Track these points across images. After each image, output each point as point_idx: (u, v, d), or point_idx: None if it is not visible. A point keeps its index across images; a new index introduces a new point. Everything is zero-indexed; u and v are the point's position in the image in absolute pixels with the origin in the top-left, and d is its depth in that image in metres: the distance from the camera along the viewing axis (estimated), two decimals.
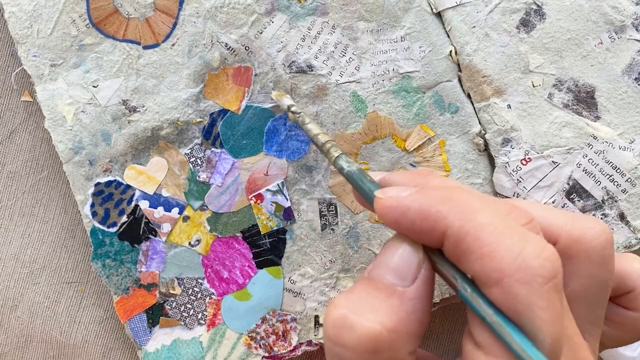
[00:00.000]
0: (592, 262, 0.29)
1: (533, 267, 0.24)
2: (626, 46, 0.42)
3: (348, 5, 0.43)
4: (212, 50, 0.43)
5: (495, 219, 0.26)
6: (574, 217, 0.30)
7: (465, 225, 0.26)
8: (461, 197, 0.27)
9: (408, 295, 0.27)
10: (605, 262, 0.30)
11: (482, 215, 0.26)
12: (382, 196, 0.29)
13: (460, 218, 0.26)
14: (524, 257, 0.25)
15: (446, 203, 0.27)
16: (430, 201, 0.27)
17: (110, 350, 0.48)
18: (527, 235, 0.25)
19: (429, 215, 0.27)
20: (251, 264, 0.45)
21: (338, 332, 0.27)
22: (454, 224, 0.26)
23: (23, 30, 0.42)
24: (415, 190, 0.28)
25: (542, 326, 0.25)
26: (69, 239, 0.47)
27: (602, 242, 0.29)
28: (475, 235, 0.25)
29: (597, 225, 0.30)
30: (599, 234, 0.29)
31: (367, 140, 0.44)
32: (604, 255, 0.29)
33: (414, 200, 0.28)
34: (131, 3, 0.42)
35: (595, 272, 0.29)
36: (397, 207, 0.28)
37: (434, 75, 0.44)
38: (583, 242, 0.29)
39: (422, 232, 0.27)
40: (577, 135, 0.43)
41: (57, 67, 0.43)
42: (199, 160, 0.44)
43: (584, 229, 0.30)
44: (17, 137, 0.46)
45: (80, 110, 0.43)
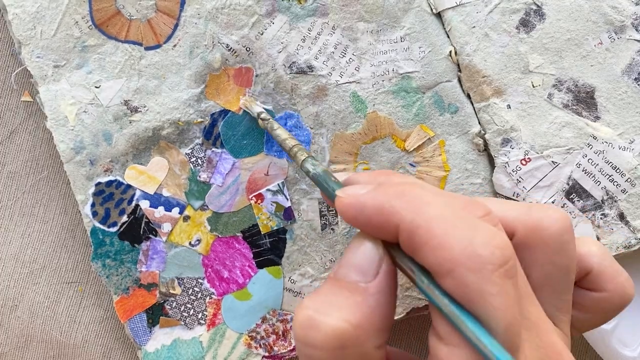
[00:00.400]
0: (550, 250, 0.30)
1: (482, 255, 0.25)
2: (626, 46, 0.43)
3: (348, 6, 0.43)
4: (213, 51, 0.43)
5: (445, 210, 0.26)
6: (529, 207, 0.31)
7: (416, 218, 0.26)
8: (413, 192, 0.27)
9: (370, 291, 0.28)
10: (563, 248, 0.30)
11: (433, 208, 0.26)
12: (342, 195, 0.30)
13: (412, 211, 0.27)
14: (473, 246, 0.25)
15: (399, 198, 0.27)
16: (384, 197, 0.28)
17: (111, 350, 0.48)
18: (476, 225, 0.26)
19: (383, 210, 0.28)
20: (251, 263, 0.45)
21: (305, 332, 0.27)
22: (406, 217, 0.27)
23: (27, 32, 0.42)
24: (372, 188, 0.29)
25: (494, 313, 0.25)
26: (69, 239, 0.47)
27: (558, 229, 0.30)
28: (426, 227, 0.26)
29: (554, 213, 0.30)
30: (555, 221, 0.30)
31: (366, 141, 0.44)
32: (561, 242, 0.30)
33: (370, 197, 0.28)
34: (133, 4, 0.43)
35: (554, 259, 0.30)
36: (355, 204, 0.29)
37: (433, 75, 0.44)
38: (539, 230, 0.30)
39: (379, 228, 0.28)
40: (576, 135, 0.43)
41: (61, 68, 0.43)
42: (200, 160, 0.44)
43: (539, 218, 0.30)
44: (17, 137, 0.46)
45: (82, 111, 0.43)
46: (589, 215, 0.43)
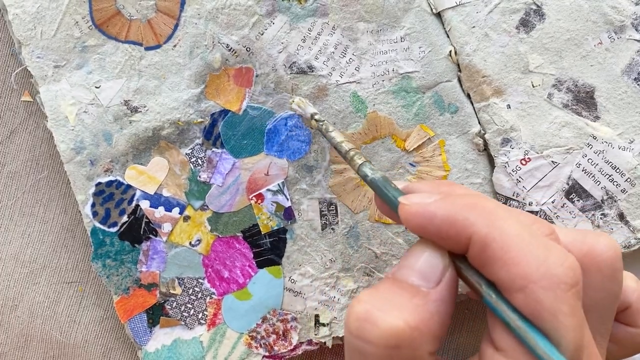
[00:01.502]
0: (603, 275, 0.30)
1: (557, 275, 0.25)
2: (626, 46, 0.43)
3: (348, 6, 0.43)
4: (214, 52, 0.43)
5: (520, 227, 0.27)
6: (584, 233, 0.31)
7: (491, 233, 0.27)
8: (486, 205, 0.28)
9: (432, 297, 0.28)
10: (615, 275, 0.30)
11: (508, 224, 0.27)
12: (407, 202, 0.30)
13: (487, 225, 0.27)
14: (548, 264, 0.26)
15: (472, 210, 0.28)
16: (456, 208, 0.28)
17: (111, 350, 0.48)
18: (550, 245, 0.26)
19: (456, 221, 0.28)
20: (252, 263, 0.45)
21: (361, 325, 0.27)
22: (481, 230, 0.27)
23: (27, 32, 0.42)
24: (440, 198, 0.29)
25: (566, 332, 0.25)
26: (69, 238, 0.47)
27: (611, 255, 0.30)
28: (501, 242, 0.26)
29: (606, 240, 0.31)
30: (608, 247, 0.30)
31: (367, 140, 0.44)
32: (614, 268, 0.30)
33: (440, 207, 0.29)
34: (133, 5, 0.43)
35: (606, 285, 0.30)
36: (423, 213, 0.29)
37: (433, 75, 0.44)
38: (594, 255, 0.30)
39: (448, 238, 0.28)
40: (576, 135, 0.43)
41: (61, 68, 0.43)
42: (200, 160, 0.44)
43: (594, 244, 0.30)
44: (17, 137, 0.46)
45: (82, 111, 0.43)
46: (588, 215, 0.43)
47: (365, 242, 0.45)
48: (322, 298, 0.45)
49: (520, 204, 0.44)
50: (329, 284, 0.45)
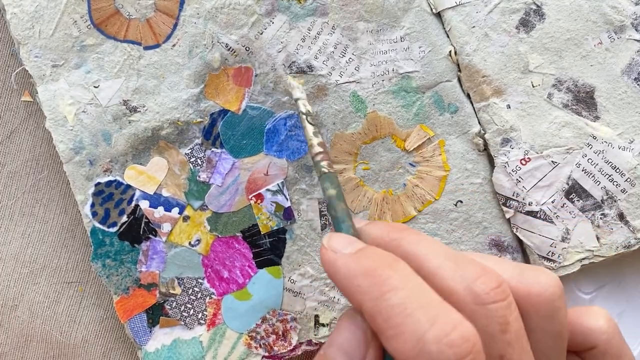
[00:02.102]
0: (540, 317, 0.30)
1: (431, 353, 0.25)
2: (625, 46, 0.43)
3: (348, 6, 0.43)
4: (213, 51, 0.43)
5: (409, 298, 0.26)
6: (521, 270, 0.30)
7: (377, 305, 0.27)
8: (384, 273, 0.28)
9: None
10: (554, 315, 0.30)
11: (396, 295, 0.27)
12: (326, 245, 0.31)
13: (374, 297, 0.27)
14: (424, 342, 0.25)
15: (367, 277, 0.28)
16: (355, 271, 0.28)
17: (111, 350, 0.48)
18: (436, 316, 0.26)
19: (349, 288, 0.28)
20: (251, 263, 0.45)
21: None
22: (367, 303, 0.27)
23: (25, 31, 0.42)
24: (354, 251, 0.30)
25: None
26: (69, 238, 0.47)
27: (548, 296, 0.30)
28: (385, 315, 0.26)
29: (545, 279, 0.30)
30: (545, 287, 0.30)
31: (366, 140, 0.44)
32: (551, 309, 0.30)
33: (345, 265, 0.29)
34: (132, 4, 0.43)
35: (545, 326, 0.30)
36: (331, 265, 0.30)
37: (433, 75, 0.44)
38: (530, 297, 0.29)
39: (347, 298, 0.29)
40: (576, 135, 0.43)
41: (59, 67, 0.43)
42: (199, 160, 0.44)
43: (530, 284, 0.30)
44: (17, 137, 0.46)
45: (81, 111, 0.43)
46: (588, 215, 0.43)
47: None
48: (322, 298, 0.45)
49: (520, 203, 0.44)
50: (329, 284, 0.45)
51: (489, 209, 0.45)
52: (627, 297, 0.46)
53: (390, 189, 0.45)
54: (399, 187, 0.45)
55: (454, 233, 0.45)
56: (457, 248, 0.45)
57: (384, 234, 0.32)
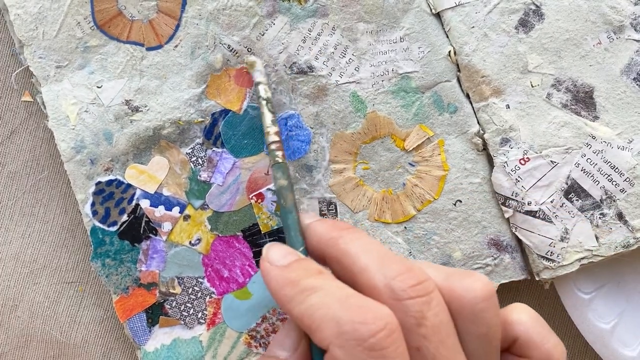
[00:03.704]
0: (463, 319, 0.31)
1: (347, 332, 0.28)
2: (625, 46, 0.43)
3: (348, 7, 0.43)
4: (215, 52, 0.43)
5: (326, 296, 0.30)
6: (448, 274, 0.32)
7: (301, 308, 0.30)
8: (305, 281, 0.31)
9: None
10: (477, 318, 0.31)
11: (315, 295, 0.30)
12: (264, 256, 0.34)
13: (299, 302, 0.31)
14: (340, 325, 0.28)
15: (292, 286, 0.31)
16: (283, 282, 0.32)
17: (111, 350, 0.48)
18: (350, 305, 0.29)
19: (279, 297, 0.32)
20: (251, 263, 0.45)
21: None
22: (294, 309, 0.31)
23: (29, 32, 0.43)
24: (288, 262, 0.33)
25: None
26: (69, 238, 0.47)
27: (471, 299, 0.31)
28: (308, 314, 0.30)
29: (469, 282, 0.32)
30: (468, 290, 0.31)
31: (366, 140, 0.45)
32: (474, 311, 0.31)
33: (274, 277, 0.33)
34: (135, 5, 0.43)
35: (470, 328, 0.31)
36: (265, 276, 0.33)
37: (433, 75, 0.44)
38: (453, 300, 0.31)
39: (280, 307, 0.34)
40: (575, 135, 0.43)
41: (63, 68, 0.43)
42: (200, 160, 0.44)
43: (453, 287, 0.31)
44: (17, 137, 0.46)
45: (83, 110, 0.43)
46: (587, 214, 0.43)
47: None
48: None
49: (519, 203, 0.44)
50: None
51: (488, 209, 0.45)
52: (627, 297, 0.46)
53: (390, 189, 0.45)
54: (399, 187, 0.45)
55: (453, 232, 0.45)
56: (456, 247, 0.45)
57: (325, 233, 0.35)
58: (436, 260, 0.45)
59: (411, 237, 0.45)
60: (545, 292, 0.48)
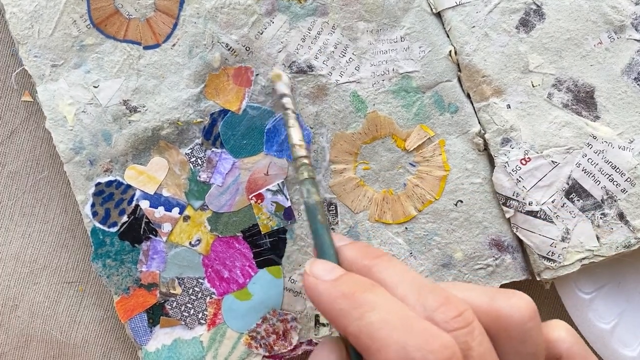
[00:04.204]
0: (512, 339, 0.31)
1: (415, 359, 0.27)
2: (625, 46, 0.43)
3: (348, 6, 0.43)
4: (213, 51, 0.43)
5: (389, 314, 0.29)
6: (492, 295, 0.32)
7: (359, 325, 0.29)
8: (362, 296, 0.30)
9: None
10: (527, 337, 0.31)
11: (376, 313, 0.29)
12: (308, 272, 0.33)
13: (356, 318, 0.29)
14: (407, 350, 0.27)
15: (348, 300, 0.30)
16: (336, 296, 0.31)
17: (111, 350, 0.48)
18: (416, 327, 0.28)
19: (332, 312, 0.31)
20: (251, 263, 0.45)
21: None
22: (350, 325, 0.29)
23: (24, 31, 0.42)
24: (335, 277, 0.32)
25: None
26: (69, 238, 0.47)
27: (519, 318, 0.31)
28: (367, 333, 0.29)
29: (516, 301, 0.31)
30: (516, 310, 0.31)
31: (367, 140, 0.44)
32: (523, 330, 0.31)
33: (326, 289, 0.31)
34: (132, 3, 0.43)
35: (519, 348, 0.31)
36: (313, 290, 0.32)
37: (433, 75, 0.44)
38: (500, 321, 0.31)
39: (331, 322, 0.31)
40: (576, 135, 0.43)
41: (58, 67, 0.43)
42: (200, 160, 0.44)
43: (500, 308, 0.31)
44: (17, 137, 0.46)
45: (81, 111, 0.43)
46: (588, 214, 0.43)
47: (365, 242, 0.45)
48: None
49: (520, 203, 0.44)
50: None
51: (489, 209, 0.45)
52: (627, 297, 0.46)
53: (391, 189, 0.45)
54: (399, 187, 0.45)
55: (454, 233, 0.45)
56: (457, 248, 0.45)
57: (358, 259, 0.34)
58: (437, 261, 0.45)
59: (412, 237, 0.45)
60: (545, 292, 0.48)
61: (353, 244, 0.35)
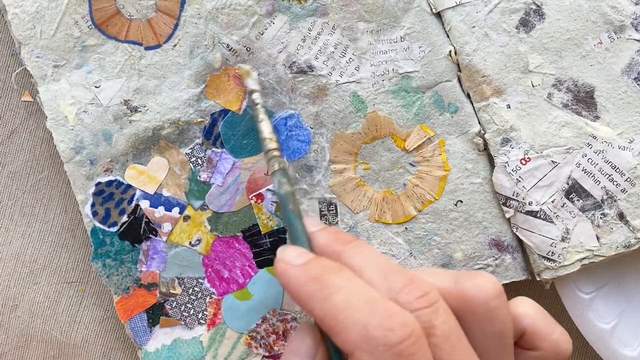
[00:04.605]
0: (477, 318, 0.31)
1: (375, 337, 0.28)
2: (625, 46, 0.43)
3: (348, 6, 0.43)
4: (214, 51, 0.43)
5: (352, 296, 0.30)
6: (457, 277, 0.32)
7: (324, 306, 0.30)
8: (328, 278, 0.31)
9: None
10: (492, 316, 0.31)
11: (341, 295, 0.30)
12: (279, 257, 0.34)
13: (321, 299, 0.30)
14: (367, 329, 0.28)
15: (315, 282, 0.31)
16: (304, 279, 0.31)
17: (111, 350, 0.48)
18: (377, 307, 0.29)
19: (299, 295, 0.31)
20: (251, 263, 0.45)
21: None
22: (316, 306, 0.30)
23: (26, 32, 0.42)
24: (305, 261, 0.33)
25: None
26: (69, 238, 0.47)
27: (484, 297, 0.31)
28: (331, 314, 0.30)
29: (479, 281, 0.32)
30: (481, 290, 0.31)
31: (366, 140, 0.44)
32: (488, 309, 0.31)
33: (295, 275, 0.32)
34: (133, 4, 0.43)
35: (485, 327, 0.31)
36: (283, 275, 0.33)
37: (433, 75, 0.44)
38: (465, 300, 0.31)
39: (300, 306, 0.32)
40: (576, 135, 0.43)
41: (60, 67, 0.43)
42: (200, 160, 0.44)
43: (465, 288, 0.32)
44: (17, 137, 0.46)
45: (82, 110, 0.43)
46: (588, 214, 0.43)
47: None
48: None
49: (520, 203, 0.44)
50: None
51: (489, 209, 0.45)
52: (627, 297, 0.46)
53: (391, 189, 0.45)
54: (399, 187, 0.45)
55: (454, 233, 0.45)
56: (457, 248, 0.45)
57: (329, 245, 0.35)
58: (437, 261, 0.45)
59: (412, 237, 0.45)
60: (545, 292, 0.48)
61: (324, 229, 0.36)
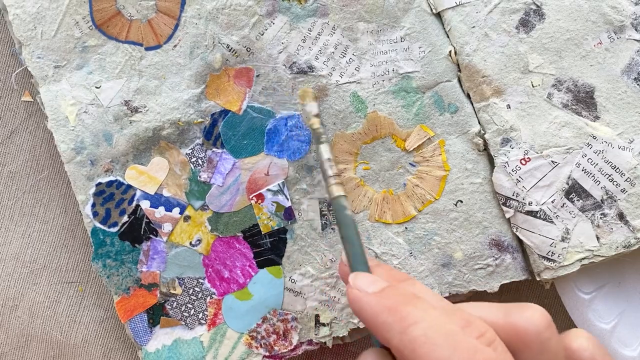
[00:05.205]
0: (531, 351, 0.31)
1: None
2: (625, 46, 0.43)
3: (348, 7, 0.43)
4: (214, 52, 0.43)
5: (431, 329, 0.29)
6: (506, 310, 0.32)
7: (402, 338, 0.29)
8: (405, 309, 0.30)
9: None
10: (544, 347, 0.31)
11: (419, 327, 0.29)
12: (352, 284, 0.33)
13: (400, 331, 0.29)
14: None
15: (391, 314, 0.30)
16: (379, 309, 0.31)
17: (111, 350, 0.48)
18: (458, 342, 0.28)
19: (375, 324, 0.31)
20: (252, 263, 0.45)
21: None
22: (394, 338, 0.29)
23: (27, 32, 0.43)
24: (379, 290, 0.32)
25: None
26: (69, 238, 0.47)
27: (535, 330, 0.31)
28: (410, 347, 0.29)
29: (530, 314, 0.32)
30: (530, 322, 0.31)
31: (367, 140, 0.45)
32: (540, 341, 0.31)
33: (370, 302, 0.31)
34: (134, 5, 0.43)
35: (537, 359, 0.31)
36: (356, 303, 0.32)
37: (433, 75, 0.44)
38: (517, 334, 0.31)
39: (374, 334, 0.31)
40: (576, 135, 0.43)
41: (61, 68, 0.43)
42: (200, 160, 0.44)
43: (516, 322, 0.31)
44: (17, 137, 0.46)
45: (82, 111, 0.43)
46: (588, 214, 0.43)
47: (365, 242, 0.45)
48: (323, 298, 0.45)
49: (520, 203, 0.44)
50: (330, 284, 0.45)
51: (489, 209, 0.45)
52: (627, 297, 0.46)
53: (391, 189, 0.45)
54: (399, 187, 0.45)
55: (454, 233, 0.45)
56: (457, 248, 0.45)
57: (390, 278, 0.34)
58: (437, 261, 0.45)
59: (412, 237, 0.45)
60: (545, 292, 0.48)
61: (379, 265, 0.36)
